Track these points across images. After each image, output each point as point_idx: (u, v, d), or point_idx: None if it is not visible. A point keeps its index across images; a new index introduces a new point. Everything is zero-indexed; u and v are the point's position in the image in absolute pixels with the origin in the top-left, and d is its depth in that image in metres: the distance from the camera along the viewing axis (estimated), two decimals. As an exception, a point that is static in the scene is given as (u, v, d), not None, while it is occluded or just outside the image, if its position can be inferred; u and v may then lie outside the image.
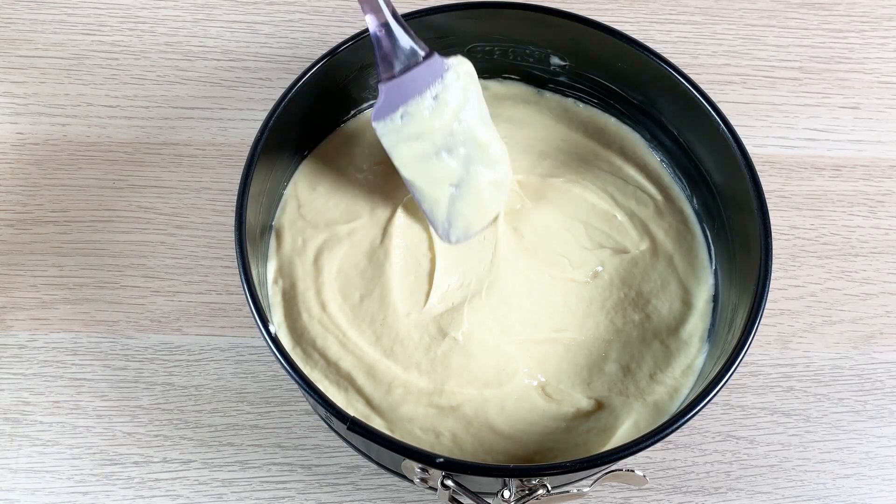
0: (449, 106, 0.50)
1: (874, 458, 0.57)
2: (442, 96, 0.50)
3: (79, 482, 0.55)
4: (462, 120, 0.51)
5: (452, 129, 0.51)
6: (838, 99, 0.68)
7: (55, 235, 0.61)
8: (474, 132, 0.52)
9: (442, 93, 0.50)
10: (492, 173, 0.53)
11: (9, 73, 0.66)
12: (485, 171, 0.53)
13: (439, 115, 0.50)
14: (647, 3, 0.71)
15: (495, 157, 0.53)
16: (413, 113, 0.50)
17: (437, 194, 0.52)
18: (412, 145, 0.51)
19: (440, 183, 0.52)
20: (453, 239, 0.54)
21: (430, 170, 0.51)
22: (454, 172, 0.52)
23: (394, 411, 0.50)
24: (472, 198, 0.53)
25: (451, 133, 0.51)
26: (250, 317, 0.46)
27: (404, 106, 0.50)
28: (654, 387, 0.51)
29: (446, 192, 0.52)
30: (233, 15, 0.69)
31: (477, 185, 0.53)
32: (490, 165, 0.53)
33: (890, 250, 0.63)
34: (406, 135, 0.50)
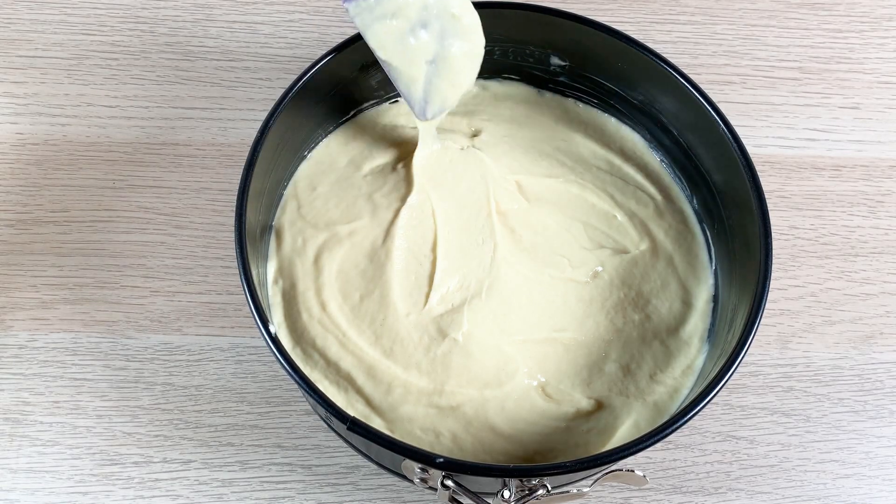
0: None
1: (874, 458, 0.57)
2: None
3: (79, 482, 0.55)
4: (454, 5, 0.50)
5: (426, 2, 0.49)
6: (838, 99, 0.68)
7: (55, 235, 0.61)
8: (448, 3, 0.50)
9: None
10: (466, 45, 0.52)
11: (9, 73, 0.66)
12: (459, 44, 0.51)
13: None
14: (647, 3, 0.71)
15: (469, 27, 0.51)
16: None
17: (413, 72, 0.51)
18: (387, 24, 0.49)
19: (417, 60, 0.51)
20: (429, 115, 0.53)
21: (406, 48, 0.50)
22: (430, 48, 0.51)
23: (394, 411, 0.50)
24: (448, 72, 0.52)
25: (425, 7, 0.49)
26: (250, 317, 0.46)
27: None
28: (654, 387, 0.51)
29: (423, 70, 0.51)
30: (233, 15, 0.69)
31: (452, 59, 0.52)
32: (464, 37, 0.51)
33: (890, 250, 0.63)
34: (381, 13, 0.49)
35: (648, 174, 0.58)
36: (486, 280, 0.53)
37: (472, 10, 0.52)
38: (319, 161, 0.57)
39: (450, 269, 0.53)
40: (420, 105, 0.53)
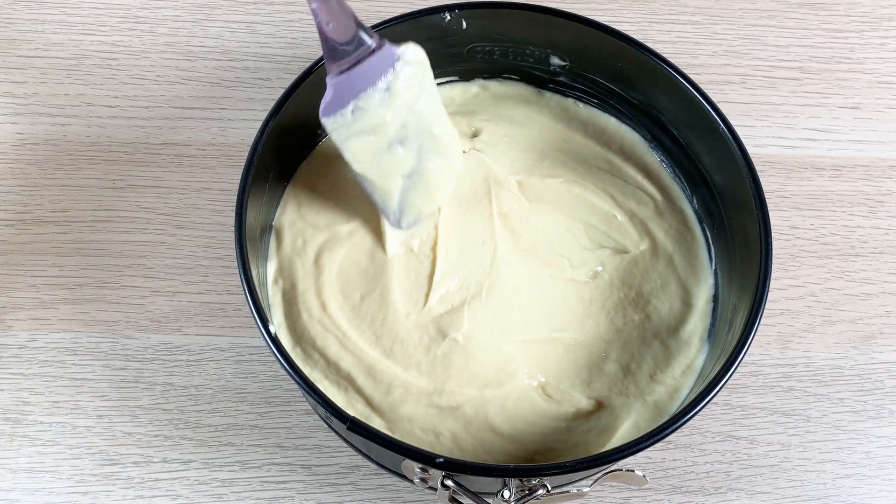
0: (402, 97, 0.48)
1: (874, 458, 0.57)
2: (394, 87, 0.48)
3: (79, 482, 0.55)
4: (415, 111, 0.49)
5: (405, 120, 0.49)
6: (838, 99, 0.68)
7: (55, 235, 0.61)
8: (428, 123, 0.50)
9: (394, 83, 0.48)
10: (444, 161, 0.52)
11: (9, 73, 0.66)
12: (436, 159, 0.52)
13: (392, 107, 0.48)
14: (647, 3, 0.71)
15: (447, 145, 0.52)
16: (364, 107, 0.48)
17: (388, 186, 0.51)
18: (364, 139, 0.49)
19: (392, 175, 0.51)
20: (404, 225, 0.53)
21: (382, 163, 0.50)
22: (406, 163, 0.51)
23: (394, 411, 0.50)
24: (424, 186, 0.52)
25: (403, 125, 0.49)
26: (250, 317, 0.46)
27: (355, 101, 0.48)
28: (654, 387, 0.51)
29: (398, 184, 0.51)
30: (233, 15, 0.69)
31: (428, 174, 0.52)
32: (441, 153, 0.52)
33: (890, 250, 0.63)
34: (358, 129, 0.49)
35: (648, 174, 0.58)
36: (487, 280, 0.53)
37: (452, 129, 0.52)
38: (319, 161, 0.57)
39: (449, 270, 0.53)
40: (395, 217, 0.52)
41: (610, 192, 0.57)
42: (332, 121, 0.48)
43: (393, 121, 0.49)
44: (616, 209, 0.56)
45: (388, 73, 0.48)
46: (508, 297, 0.53)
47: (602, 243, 0.56)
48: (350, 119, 0.48)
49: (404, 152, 0.50)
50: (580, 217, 0.56)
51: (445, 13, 0.54)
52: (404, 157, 0.50)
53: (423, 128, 0.50)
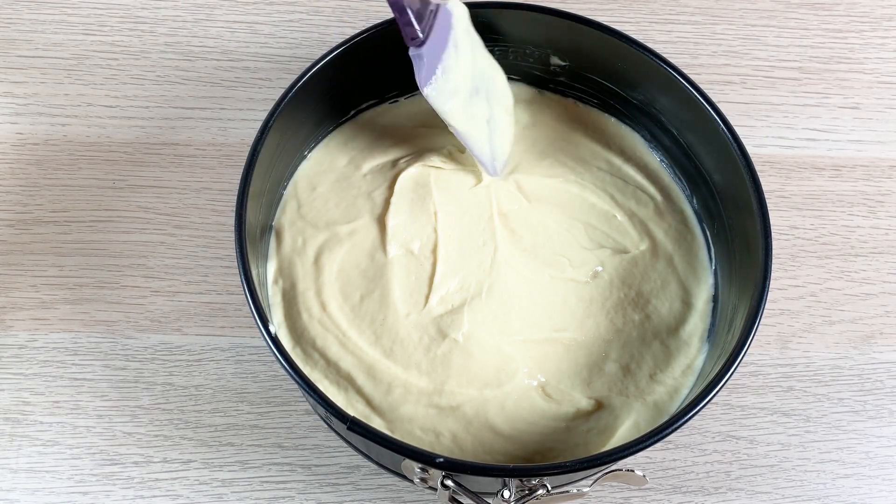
0: (464, 50, 0.51)
1: (874, 458, 0.57)
2: (458, 42, 0.51)
3: (79, 482, 0.55)
4: (476, 61, 0.52)
5: (472, 71, 0.52)
6: (838, 99, 0.68)
7: (55, 235, 0.61)
8: (484, 70, 0.53)
9: (458, 39, 0.51)
10: (504, 101, 0.55)
11: (9, 73, 0.66)
12: (500, 101, 0.55)
13: (463, 61, 0.51)
14: (647, 3, 0.71)
15: (501, 86, 0.55)
16: (449, 67, 0.50)
17: (481, 135, 0.53)
18: (456, 98, 0.51)
19: (481, 125, 0.53)
20: (499, 170, 0.55)
21: (472, 116, 0.52)
22: (485, 111, 0.53)
23: (394, 411, 0.50)
24: (500, 129, 0.55)
25: (472, 76, 0.52)
26: (250, 317, 0.46)
27: (441, 64, 0.50)
28: (654, 387, 0.51)
29: (486, 132, 0.54)
30: (233, 15, 0.69)
31: (499, 117, 0.55)
32: (500, 95, 0.55)
33: (890, 250, 0.63)
34: (450, 90, 0.51)
35: (648, 174, 0.58)
36: (487, 281, 0.53)
37: (501, 70, 0.55)
38: (319, 161, 0.57)
39: (450, 272, 0.53)
40: (491, 164, 0.55)
41: (610, 192, 0.57)
42: (432, 88, 0.50)
43: (466, 74, 0.51)
44: (616, 209, 0.56)
45: (451, 31, 0.50)
46: (508, 297, 0.53)
47: (602, 243, 0.56)
48: (443, 82, 0.50)
49: (480, 101, 0.53)
50: (580, 217, 0.56)
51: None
52: (481, 105, 0.53)
53: (484, 75, 0.53)
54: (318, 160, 0.57)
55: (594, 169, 0.58)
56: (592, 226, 0.56)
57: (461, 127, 0.52)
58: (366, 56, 0.54)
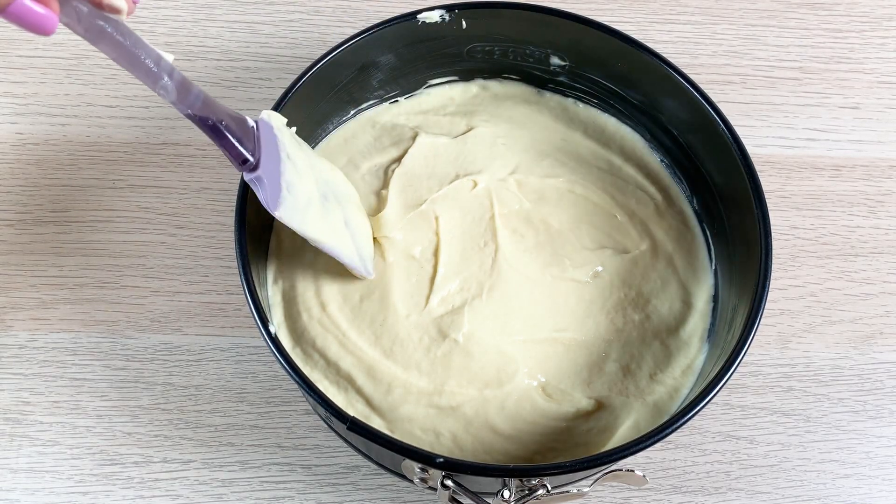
0: (300, 159, 0.48)
1: (874, 458, 0.57)
2: (290, 154, 0.47)
3: (79, 482, 0.55)
4: (313, 166, 0.49)
5: (316, 178, 0.49)
6: (838, 99, 0.68)
7: (55, 235, 0.61)
8: (323, 172, 0.50)
9: (288, 150, 0.47)
10: (352, 198, 0.53)
11: (9, 73, 0.66)
12: (349, 200, 0.52)
13: (303, 171, 0.48)
14: (647, 3, 0.71)
15: (343, 183, 0.52)
16: (291, 181, 0.46)
17: (346, 242, 0.50)
18: (310, 211, 0.47)
19: (342, 231, 0.50)
20: (371, 269, 0.52)
21: (331, 224, 0.49)
22: (340, 214, 0.50)
23: (394, 411, 0.50)
24: (359, 228, 0.52)
25: (316, 182, 0.49)
26: (250, 317, 0.46)
27: (282, 180, 0.46)
28: (654, 387, 0.51)
29: (348, 236, 0.50)
30: (233, 15, 0.69)
31: (352, 216, 0.51)
32: (346, 193, 0.52)
33: (890, 250, 0.63)
34: (302, 204, 0.47)
35: (648, 174, 0.58)
36: (488, 281, 0.53)
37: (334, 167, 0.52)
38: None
39: (450, 274, 0.53)
40: (362, 266, 0.51)
41: (610, 192, 0.57)
42: (284, 209, 0.46)
43: (310, 182, 0.48)
44: (616, 209, 0.56)
45: (278, 143, 0.47)
46: (509, 297, 0.53)
47: (602, 243, 0.56)
48: (292, 199, 0.46)
49: (332, 206, 0.50)
50: (580, 217, 0.56)
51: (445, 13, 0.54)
52: (335, 210, 0.50)
53: (324, 178, 0.50)
54: (317, 160, 0.57)
55: (594, 169, 0.58)
56: (593, 226, 0.56)
57: (327, 241, 0.48)
58: (366, 56, 0.54)
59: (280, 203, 0.45)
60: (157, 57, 0.40)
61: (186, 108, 0.42)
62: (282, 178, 0.46)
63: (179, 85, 0.41)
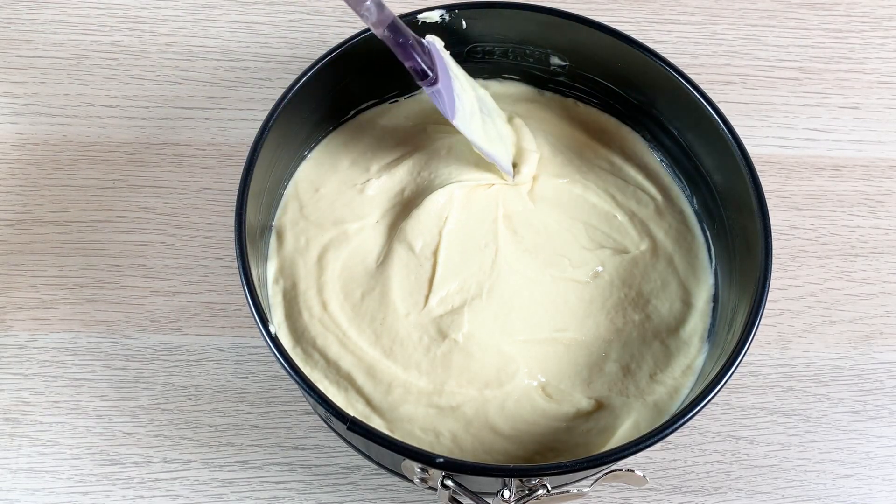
0: (461, 76, 0.53)
1: (874, 458, 0.57)
2: (455, 72, 0.52)
3: (79, 482, 0.55)
4: (471, 84, 0.54)
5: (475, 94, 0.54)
6: (838, 99, 0.68)
7: (55, 235, 0.61)
8: (477, 89, 0.55)
9: (452, 69, 0.52)
10: (499, 112, 0.57)
11: (9, 73, 0.66)
12: (498, 115, 0.56)
13: (465, 87, 0.52)
14: (647, 3, 0.71)
15: (490, 100, 0.57)
16: (460, 94, 0.51)
17: (501, 150, 0.54)
18: (475, 120, 0.52)
19: (497, 140, 0.54)
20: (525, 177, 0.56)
21: (489, 134, 0.53)
22: (492, 126, 0.54)
23: (394, 411, 0.50)
24: (507, 138, 0.56)
25: (475, 98, 0.53)
26: (250, 317, 0.46)
27: (454, 93, 0.51)
28: (654, 387, 0.51)
29: (502, 145, 0.55)
30: (233, 15, 0.69)
31: (501, 128, 0.56)
32: (495, 108, 0.56)
33: (890, 250, 0.63)
34: (469, 115, 0.52)
35: (648, 174, 0.58)
36: (488, 282, 0.53)
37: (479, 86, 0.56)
38: (320, 161, 0.57)
39: (449, 275, 0.53)
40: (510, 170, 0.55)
41: (610, 192, 0.57)
42: (459, 117, 0.50)
43: (471, 97, 0.53)
44: (616, 209, 0.56)
45: (445, 63, 0.51)
46: (509, 297, 0.53)
47: (602, 243, 0.56)
48: (462, 111, 0.51)
49: (487, 119, 0.54)
50: (581, 217, 0.56)
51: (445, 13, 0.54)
52: (490, 122, 0.54)
53: (479, 95, 0.55)
54: (318, 160, 0.57)
55: (594, 169, 0.58)
56: (593, 226, 0.56)
57: (489, 147, 0.52)
58: (366, 56, 0.54)
59: (456, 112, 0.50)
60: None
61: (383, 27, 0.47)
62: (454, 92, 0.51)
63: (378, 6, 0.47)
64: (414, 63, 0.48)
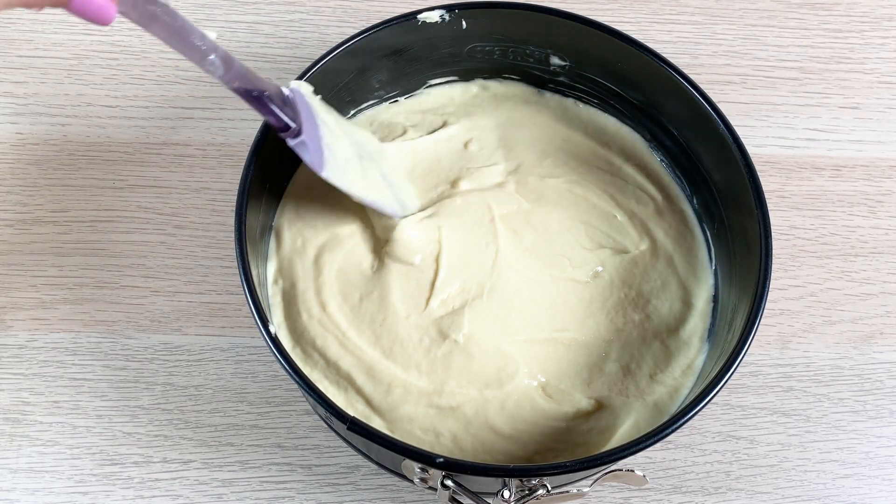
0: (331, 122, 0.50)
1: (874, 458, 0.57)
2: (324, 118, 0.49)
3: (79, 482, 0.55)
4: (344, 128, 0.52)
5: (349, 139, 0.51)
6: (838, 99, 0.68)
7: (55, 235, 0.61)
8: (353, 133, 0.53)
9: (321, 116, 0.49)
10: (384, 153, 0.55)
11: (9, 73, 0.66)
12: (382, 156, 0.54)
13: (336, 133, 0.50)
14: (647, 3, 0.71)
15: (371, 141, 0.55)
16: (329, 143, 0.49)
17: (386, 195, 0.52)
18: (349, 169, 0.50)
19: (380, 184, 0.52)
20: (415, 209, 0.54)
21: (369, 180, 0.52)
22: (376, 170, 0.53)
23: (394, 411, 0.50)
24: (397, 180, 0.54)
25: (350, 143, 0.51)
26: (250, 317, 0.46)
27: (322, 142, 0.48)
28: (654, 387, 0.51)
29: (387, 188, 0.53)
30: (233, 15, 0.69)
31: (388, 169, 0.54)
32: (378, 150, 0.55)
33: (890, 250, 0.63)
34: (342, 164, 0.49)
35: (648, 174, 0.58)
36: (488, 282, 0.53)
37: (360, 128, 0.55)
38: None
39: (451, 277, 0.53)
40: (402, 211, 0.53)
41: (610, 192, 0.57)
42: (329, 169, 0.48)
43: (344, 144, 0.50)
44: (616, 209, 0.56)
45: (312, 110, 0.49)
46: (509, 297, 0.53)
47: (602, 243, 0.56)
48: (333, 160, 0.49)
49: (368, 163, 0.52)
50: (580, 217, 0.56)
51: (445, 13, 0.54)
52: (371, 167, 0.52)
53: (356, 140, 0.52)
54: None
55: (594, 169, 0.58)
56: (593, 226, 0.56)
57: (368, 196, 0.51)
58: (365, 56, 0.54)
59: (325, 164, 0.48)
60: (201, 35, 0.43)
61: (233, 82, 0.44)
62: (322, 141, 0.48)
63: (224, 60, 0.44)
64: (271, 117, 0.46)
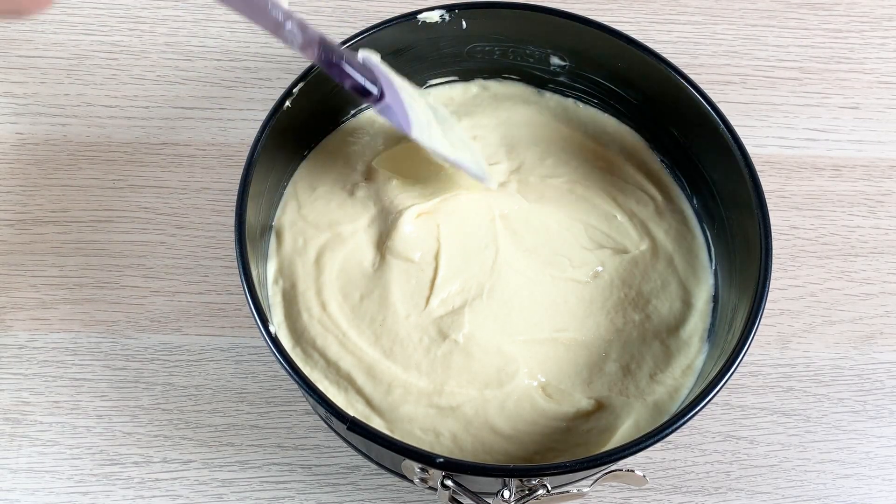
0: (407, 87, 0.51)
1: (874, 458, 0.57)
2: (399, 84, 0.50)
3: (79, 482, 0.55)
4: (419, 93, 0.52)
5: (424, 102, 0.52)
6: (838, 99, 0.68)
7: (55, 235, 0.61)
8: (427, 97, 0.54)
9: (396, 82, 0.49)
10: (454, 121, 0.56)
11: (9, 73, 0.66)
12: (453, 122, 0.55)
13: (415, 96, 0.51)
14: (647, 3, 0.71)
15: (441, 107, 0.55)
16: (411, 105, 0.49)
17: (466, 155, 0.53)
18: (432, 131, 0.51)
19: (461, 146, 0.53)
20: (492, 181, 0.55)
21: (452, 141, 0.52)
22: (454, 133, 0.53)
23: (394, 411, 0.50)
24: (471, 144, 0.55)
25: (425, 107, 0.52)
26: (250, 317, 0.46)
27: (404, 106, 0.49)
28: (654, 387, 0.51)
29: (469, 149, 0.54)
30: (233, 15, 0.69)
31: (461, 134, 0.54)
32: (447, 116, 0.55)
33: (890, 250, 0.63)
34: (425, 125, 0.50)
35: (648, 174, 0.58)
36: (488, 282, 0.53)
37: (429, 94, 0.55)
38: (318, 161, 0.57)
39: (451, 277, 0.53)
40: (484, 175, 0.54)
41: (610, 193, 0.57)
42: (417, 130, 0.49)
43: (422, 107, 0.51)
44: (616, 209, 0.56)
45: (388, 75, 0.49)
46: (509, 297, 0.53)
47: (602, 243, 0.56)
48: (417, 122, 0.49)
49: (446, 125, 0.53)
50: (580, 217, 0.56)
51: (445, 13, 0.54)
52: (450, 129, 0.53)
53: (430, 105, 0.53)
54: (317, 160, 0.57)
55: (594, 169, 0.58)
56: (593, 226, 0.56)
57: (454, 156, 0.51)
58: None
59: (412, 125, 0.48)
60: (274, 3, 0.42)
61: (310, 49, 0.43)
62: (404, 104, 0.48)
63: (300, 27, 0.43)
64: (353, 82, 0.45)
